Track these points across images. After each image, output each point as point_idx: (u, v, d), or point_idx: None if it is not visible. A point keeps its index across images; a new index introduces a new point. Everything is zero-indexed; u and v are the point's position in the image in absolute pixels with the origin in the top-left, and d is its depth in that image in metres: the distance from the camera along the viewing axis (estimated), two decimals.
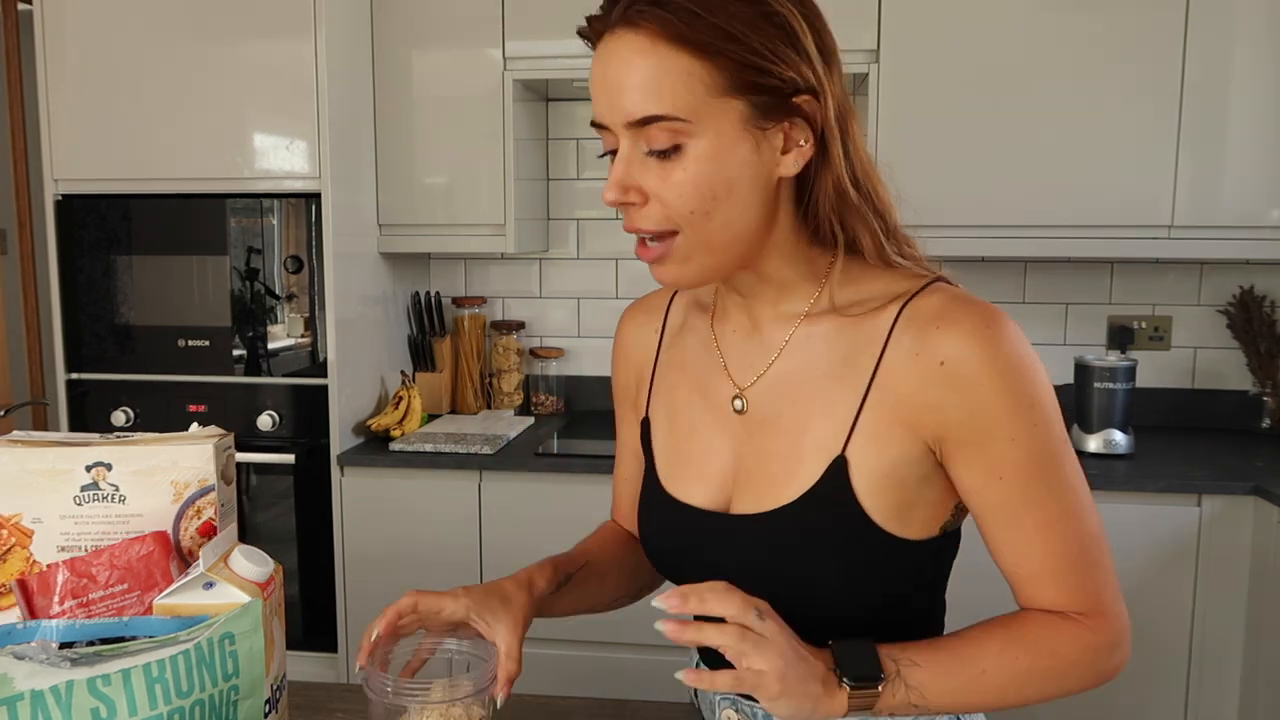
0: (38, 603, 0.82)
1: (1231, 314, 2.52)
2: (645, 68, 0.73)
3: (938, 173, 2.27)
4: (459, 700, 0.83)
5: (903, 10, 2.23)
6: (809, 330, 0.85)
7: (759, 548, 0.84)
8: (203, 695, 0.72)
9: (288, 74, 2.19)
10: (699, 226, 0.77)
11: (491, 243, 2.44)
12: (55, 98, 2.26)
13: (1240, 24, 2.16)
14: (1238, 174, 2.19)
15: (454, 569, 2.23)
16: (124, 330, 2.30)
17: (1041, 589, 0.81)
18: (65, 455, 0.89)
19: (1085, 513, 0.81)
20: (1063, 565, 0.80)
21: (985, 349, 0.78)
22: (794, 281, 0.85)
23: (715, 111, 0.74)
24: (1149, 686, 2.09)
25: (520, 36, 2.35)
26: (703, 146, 0.75)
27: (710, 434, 0.90)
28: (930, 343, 0.79)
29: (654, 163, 0.76)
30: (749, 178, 0.77)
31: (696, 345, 0.94)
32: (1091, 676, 0.82)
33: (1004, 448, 0.78)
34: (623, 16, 0.74)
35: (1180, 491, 2.05)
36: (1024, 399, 0.78)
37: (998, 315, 0.80)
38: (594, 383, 2.78)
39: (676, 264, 0.80)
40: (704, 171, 0.75)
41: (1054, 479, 0.79)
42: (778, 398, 0.86)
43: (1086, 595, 0.81)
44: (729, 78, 0.74)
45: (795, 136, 0.78)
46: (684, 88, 0.73)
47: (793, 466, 0.83)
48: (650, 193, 0.77)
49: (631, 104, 0.74)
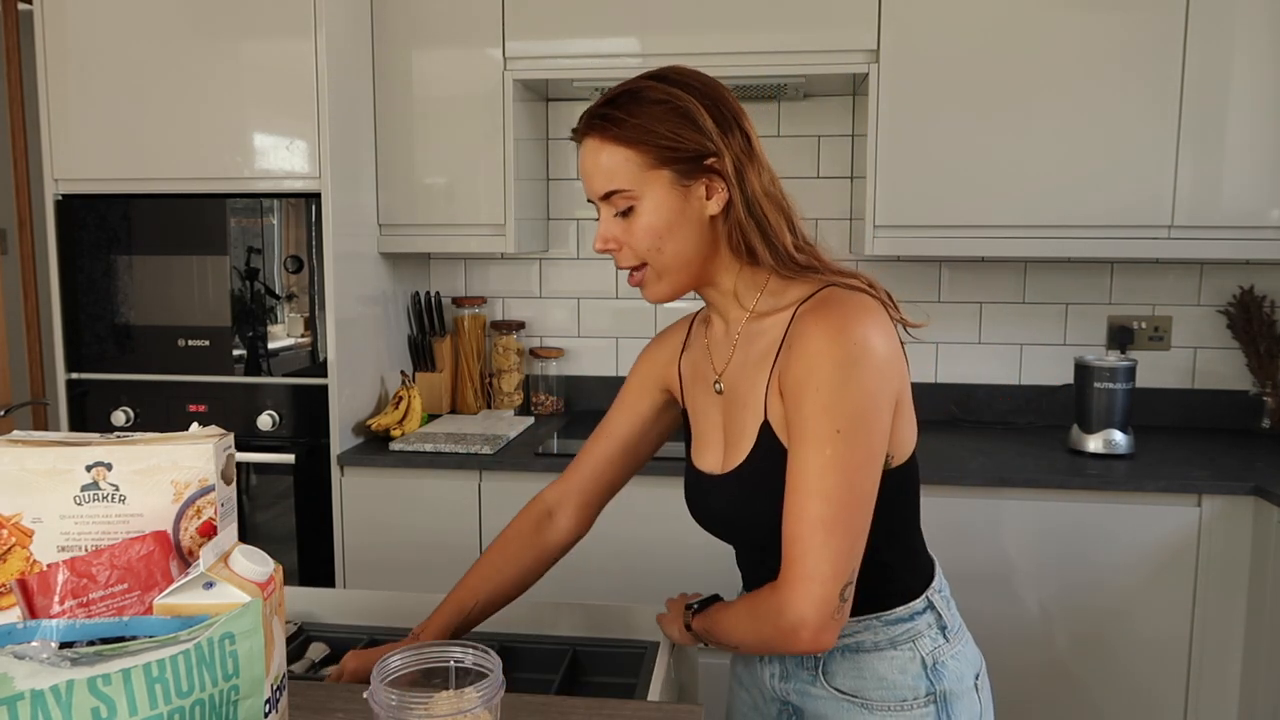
0: (38, 602, 0.82)
1: (1231, 314, 2.52)
2: (601, 159, 1.06)
3: (938, 173, 2.27)
4: (465, 711, 0.82)
5: (903, 10, 2.23)
6: (750, 327, 1.12)
7: (732, 499, 1.12)
8: (203, 695, 0.72)
9: (288, 74, 2.19)
10: (655, 258, 1.08)
11: (491, 243, 2.44)
12: (55, 98, 2.26)
13: (1240, 24, 2.16)
14: (1238, 174, 2.20)
15: (453, 569, 2.22)
16: (124, 330, 2.30)
17: (785, 538, 1.00)
18: (65, 455, 0.89)
19: (822, 496, 0.96)
20: (787, 528, 0.99)
21: (819, 337, 0.99)
22: (742, 291, 1.12)
23: (649, 180, 1.05)
24: (1149, 686, 2.09)
25: (520, 36, 2.35)
26: (646, 205, 1.06)
27: (710, 411, 1.18)
28: (795, 331, 1.04)
29: (620, 221, 1.08)
30: (683, 220, 1.07)
31: (699, 349, 1.23)
32: (769, 630, 1.00)
33: (794, 414, 1.00)
34: (586, 126, 1.08)
35: (1180, 491, 2.05)
36: (815, 379, 0.98)
37: (842, 314, 1.00)
38: (594, 383, 2.78)
39: (651, 284, 1.11)
40: (650, 222, 1.06)
41: (810, 453, 0.97)
42: (736, 379, 1.13)
43: (785, 560, 0.98)
44: (653, 156, 1.05)
45: (715, 186, 1.06)
46: (624, 170, 1.05)
47: (743, 431, 1.09)
48: (622, 241, 1.09)
49: (598, 184, 1.07)
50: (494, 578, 1.32)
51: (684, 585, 1.48)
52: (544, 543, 1.33)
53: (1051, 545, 2.09)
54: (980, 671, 1.14)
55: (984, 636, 1.23)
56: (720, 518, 1.15)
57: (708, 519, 1.17)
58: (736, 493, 1.10)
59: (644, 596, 1.44)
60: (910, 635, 1.09)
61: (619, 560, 2.15)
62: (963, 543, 2.07)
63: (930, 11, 2.24)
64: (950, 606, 1.14)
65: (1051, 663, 2.12)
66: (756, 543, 1.12)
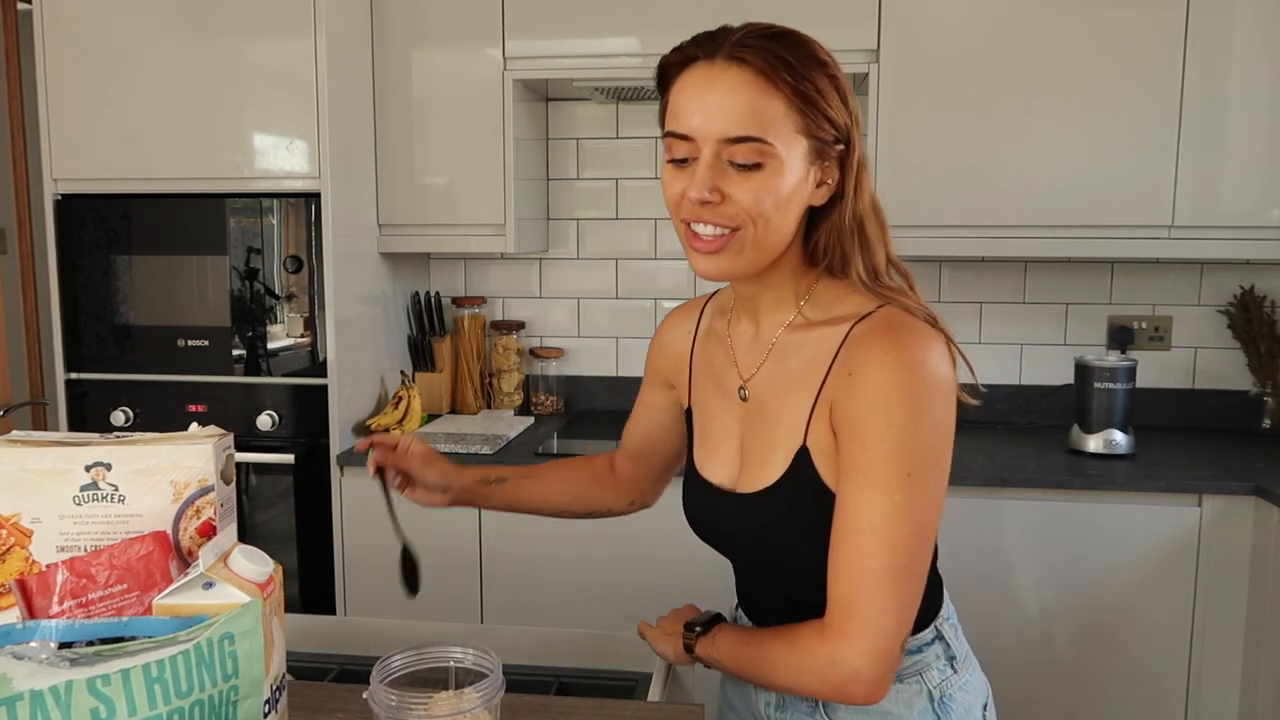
0: (37, 603, 0.82)
1: (1231, 314, 2.52)
2: (748, 97, 0.91)
3: (938, 173, 2.27)
4: (465, 711, 0.82)
5: (903, 10, 2.23)
6: (789, 337, 1.02)
7: (752, 523, 1.02)
8: (202, 695, 0.72)
9: (288, 74, 2.19)
10: (759, 227, 0.93)
11: (491, 243, 2.44)
12: (55, 98, 2.26)
13: (1240, 25, 2.16)
14: (1238, 174, 2.19)
15: (454, 568, 2.23)
16: (124, 330, 2.30)
17: (830, 585, 0.92)
18: (65, 455, 0.89)
19: (890, 545, 0.88)
20: (840, 572, 0.90)
21: (879, 366, 0.90)
22: (788, 294, 1.02)
23: (792, 144, 0.92)
24: (1149, 686, 2.09)
25: (520, 36, 2.35)
26: (777, 166, 0.92)
27: (726, 419, 1.08)
28: (851, 355, 0.94)
29: (732, 171, 0.92)
30: (798, 200, 0.95)
31: (717, 345, 1.12)
32: (814, 680, 0.92)
33: (853, 451, 0.91)
34: (731, 52, 0.92)
35: (1180, 491, 2.05)
36: (885, 416, 0.89)
37: (911, 343, 0.91)
38: (594, 383, 2.78)
39: (730, 256, 0.95)
40: (775, 186, 0.92)
41: (875, 496, 0.89)
42: (766, 392, 1.03)
43: (840, 608, 0.90)
44: (806, 122, 0.92)
45: (828, 175, 0.96)
46: (775, 120, 0.91)
47: (772, 453, 1.00)
48: (727, 194, 0.92)
49: (732, 124, 0.91)
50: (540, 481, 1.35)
51: (671, 592, 1.39)
52: (595, 498, 1.34)
53: (1051, 545, 2.09)
54: (988, 700, 1.08)
55: (984, 637, 1.22)
56: (734, 539, 1.07)
57: (714, 536, 1.10)
58: (760, 517, 1.01)
59: (636, 604, 1.41)
60: (918, 668, 1.02)
61: (606, 570, 2.15)
62: (963, 543, 2.06)
63: (930, 11, 2.24)
64: (958, 633, 1.08)
65: (1051, 663, 2.12)
66: (770, 568, 1.05)
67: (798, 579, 1.01)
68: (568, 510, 1.35)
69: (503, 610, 2.24)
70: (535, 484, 1.34)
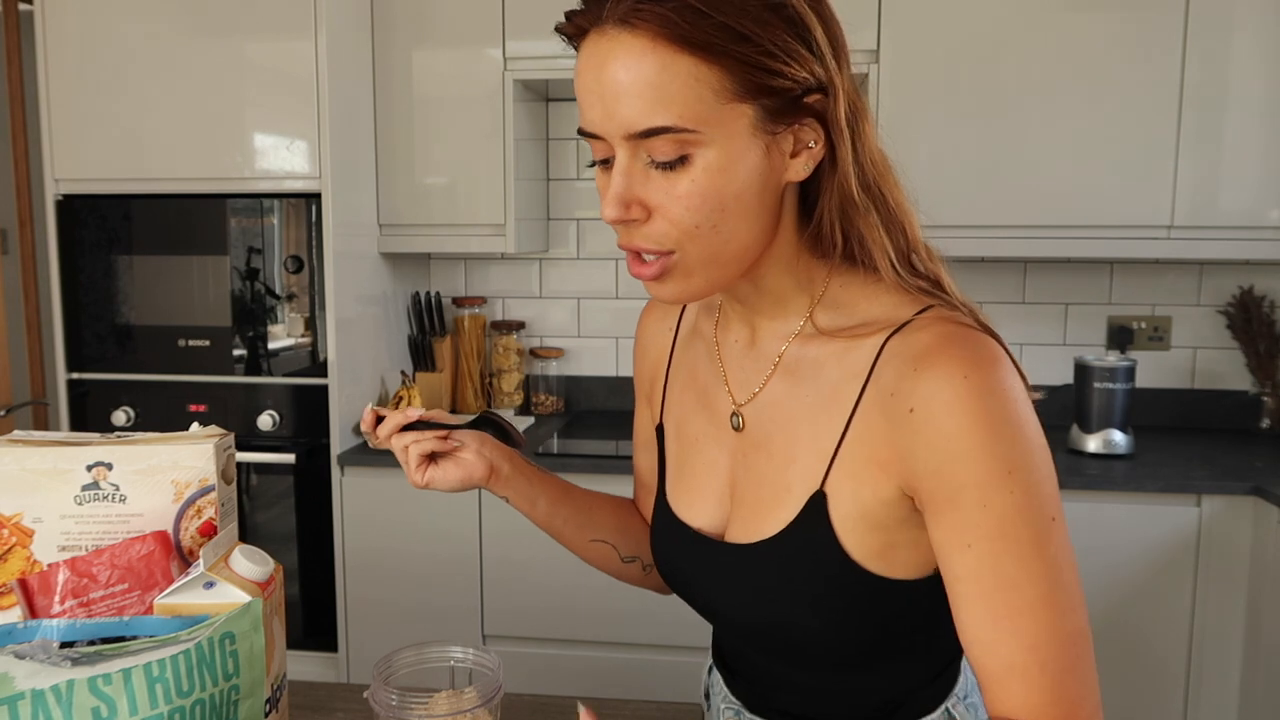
0: (38, 602, 0.82)
1: (1231, 314, 2.52)
2: (647, 73, 0.66)
3: (937, 173, 2.27)
4: (465, 711, 0.82)
5: (903, 10, 2.23)
6: (801, 351, 0.80)
7: (745, 583, 0.81)
8: (203, 695, 0.73)
9: (288, 74, 2.19)
10: (704, 240, 0.71)
11: (491, 243, 2.44)
12: (55, 98, 2.26)
13: (1240, 25, 2.16)
14: (1237, 174, 2.19)
15: (454, 568, 2.23)
16: (124, 330, 2.30)
17: (1009, 689, 0.69)
18: (66, 455, 0.89)
19: (1069, 606, 0.69)
20: (1035, 663, 0.68)
21: (960, 399, 0.68)
22: (791, 293, 0.79)
23: (724, 118, 0.67)
24: (1148, 686, 2.09)
25: (520, 36, 2.35)
26: (711, 156, 0.68)
27: (712, 448, 0.87)
28: (906, 385, 0.71)
29: (656, 174, 0.70)
30: (757, 186, 0.71)
31: (703, 352, 0.90)
32: None
33: (974, 513, 0.69)
34: (617, 14, 0.66)
35: (1180, 491, 2.05)
36: (1002, 461, 0.68)
37: (986, 360, 0.71)
38: (594, 383, 2.79)
39: (679, 280, 0.73)
40: (713, 183, 0.69)
41: (1033, 559, 0.69)
42: (770, 421, 0.81)
43: (1059, 701, 0.68)
44: (739, 81, 0.67)
45: (805, 138, 0.72)
46: (692, 95, 0.66)
47: (779, 495, 0.79)
48: (653, 207, 0.70)
49: (633, 114, 0.67)
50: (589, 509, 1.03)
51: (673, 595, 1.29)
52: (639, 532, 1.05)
53: None
54: None
55: None
56: (716, 602, 0.85)
57: (691, 594, 0.88)
58: (755, 579, 0.80)
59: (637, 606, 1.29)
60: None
61: None
62: None
63: (930, 12, 2.24)
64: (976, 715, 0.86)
65: None
66: (763, 641, 0.84)
67: (792, 658, 0.83)
68: (617, 536, 1.03)
69: (503, 616, 2.24)
70: (581, 491, 1.04)
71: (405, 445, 0.91)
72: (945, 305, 0.76)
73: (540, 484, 0.98)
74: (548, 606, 2.21)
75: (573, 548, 1.02)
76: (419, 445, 0.92)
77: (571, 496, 1.00)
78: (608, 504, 1.04)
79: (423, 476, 0.93)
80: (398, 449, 0.92)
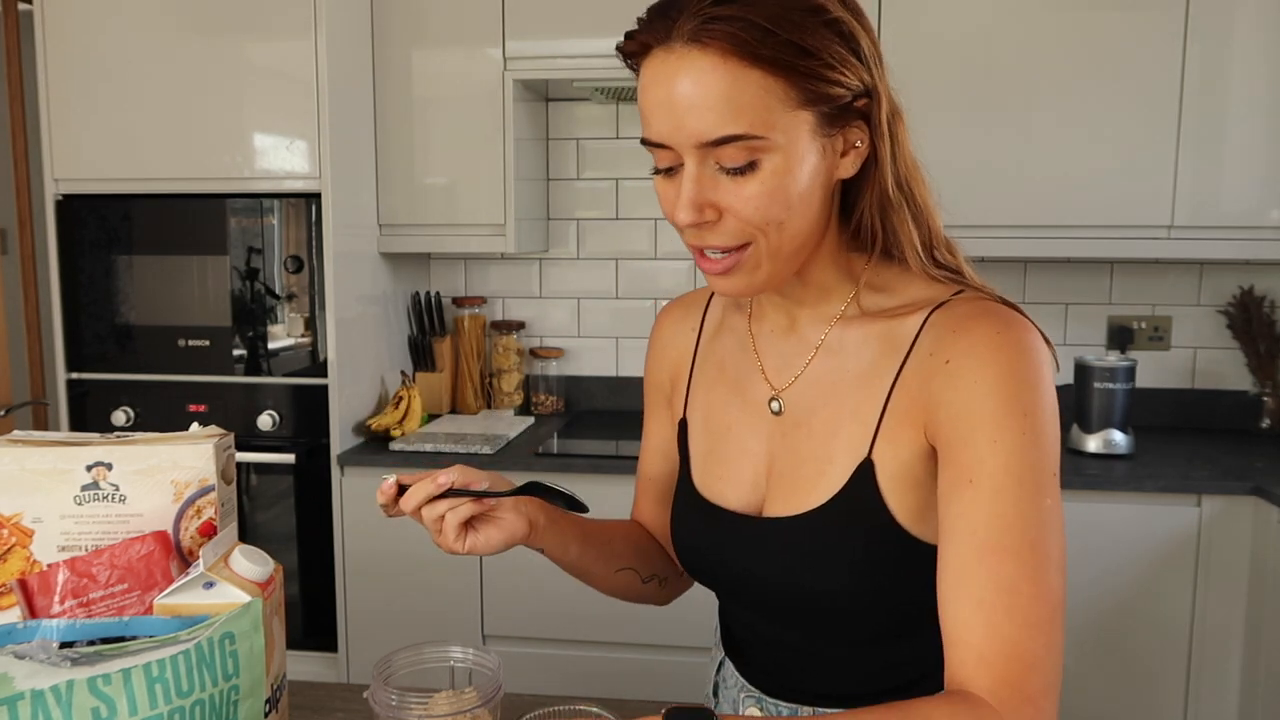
0: (38, 602, 0.82)
1: (1231, 314, 2.52)
2: (719, 87, 0.72)
3: (937, 173, 2.24)
4: (465, 711, 0.82)
5: (903, 10, 2.23)
6: (842, 333, 0.86)
7: (788, 553, 0.84)
8: (203, 695, 0.73)
9: (288, 74, 2.19)
10: (772, 237, 0.77)
11: (491, 243, 2.44)
12: (55, 98, 2.26)
13: (1240, 25, 2.16)
14: (1237, 174, 2.20)
15: (454, 569, 2.23)
16: (124, 330, 2.30)
17: (972, 630, 0.71)
18: (66, 455, 0.89)
19: (1052, 563, 0.73)
20: (1002, 606, 0.71)
21: (991, 350, 0.75)
22: (833, 283, 0.86)
23: (788, 125, 0.74)
24: (1148, 686, 2.09)
25: (520, 36, 2.35)
26: (777, 160, 0.75)
27: (746, 435, 0.90)
28: (945, 343, 0.78)
29: (724, 179, 0.75)
30: (818, 185, 0.78)
31: (734, 345, 0.95)
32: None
33: (984, 448, 0.74)
34: (686, 32, 0.72)
35: (1180, 491, 2.05)
36: (1019, 404, 0.74)
37: (1019, 324, 0.77)
38: (594, 383, 2.79)
39: (746, 274, 0.79)
40: (780, 184, 0.75)
41: (1029, 504, 0.73)
42: (812, 400, 0.86)
43: (1010, 660, 0.71)
44: (801, 90, 0.74)
45: (853, 138, 0.79)
46: (760, 105, 0.72)
47: (823, 469, 0.83)
48: (724, 208, 0.76)
49: (705, 125, 0.73)
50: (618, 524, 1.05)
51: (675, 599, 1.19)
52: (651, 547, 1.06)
53: None
54: None
55: None
56: (749, 575, 0.86)
57: (714, 569, 0.90)
58: (797, 548, 0.83)
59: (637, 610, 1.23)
60: None
61: None
62: None
63: (930, 12, 2.24)
64: None
65: None
66: (790, 614, 0.86)
67: (825, 631, 0.84)
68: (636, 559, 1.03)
69: (503, 616, 2.24)
70: (594, 524, 1.03)
71: (440, 515, 0.87)
72: (975, 289, 0.83)
73: (568, 528, 0.98)
74: (548, 606, 2.21)
75: (598, 583, 1.02)
76: (456, 513, 0.87)
77: (591, 532, 1.00)
78: (619, 529, 1.06)
79: (464, 545, 0.88)
80: (430, 520, 0.87)
